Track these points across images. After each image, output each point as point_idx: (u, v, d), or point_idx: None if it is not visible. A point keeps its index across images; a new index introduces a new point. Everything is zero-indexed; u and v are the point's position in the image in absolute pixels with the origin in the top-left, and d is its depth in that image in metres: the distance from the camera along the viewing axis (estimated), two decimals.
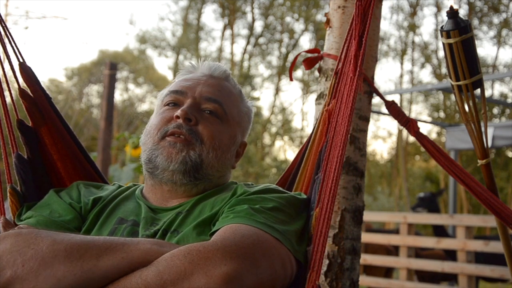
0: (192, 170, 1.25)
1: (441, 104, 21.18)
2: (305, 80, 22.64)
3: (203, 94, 1.32)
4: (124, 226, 1.22)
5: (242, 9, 22.44)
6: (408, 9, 20.71)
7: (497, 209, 1.42)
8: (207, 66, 1.42)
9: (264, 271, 0.97)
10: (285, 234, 1.09)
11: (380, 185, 22.16)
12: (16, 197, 1.34)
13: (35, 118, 1.44)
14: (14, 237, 0.98)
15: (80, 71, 24.04)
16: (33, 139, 1.43)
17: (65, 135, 1.49)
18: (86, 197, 1.32)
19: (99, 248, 0.95)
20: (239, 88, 1.44)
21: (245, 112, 1.42)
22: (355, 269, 1.75)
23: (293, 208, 1.20)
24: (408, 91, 12.56)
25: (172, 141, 1.25)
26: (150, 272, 0.92)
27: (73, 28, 36.93)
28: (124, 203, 1.31)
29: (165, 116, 1.30)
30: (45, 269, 0.92)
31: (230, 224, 1.06)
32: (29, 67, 1.46)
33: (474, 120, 1.54)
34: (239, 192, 1.23)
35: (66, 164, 1.47)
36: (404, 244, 5.54)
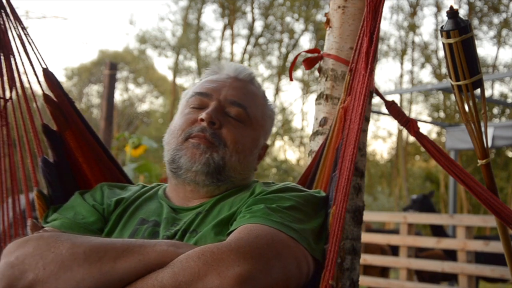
0: (215, 171, 1.25)
1: (441, 104, 21.18)
2: (305, 80, 22.65)
3: (228, 97, 1.32)
4: (145, 226, 1.23)
5: (242, 9, 22.45)
6: (408, 9, 20.73)
7: (497, 209, 1.42)
8: (232, 68, 1.41)
9: (278, 271, 0.98)
10: (302, 233, 1.09)
11: (380, 185, 22.17)
12: (43, 200, 1.37)
13: (59, 122, 1.48)
14: (36, 241, 1.02)
15: (80, 71, 24.05)
16: (58, 142, 1.46)
17: (89, 138, 1.52)
18: (109, 198, 1.34)
19: (117, 250, 0.98)
20: (263, 90, 1.44)
21: (268, 115, 1.42)
22: (355, 269, 1.75)
23: (311, 207, 1.20)
24: (408, 91, 12.57)
25: (196, 143, 1.25)
26: (165, 274, 0.94)
27: (73, 28, 36.96)
28: (147, 204, 1.32)
29: (190, 118, 1.30)
30: (65, 272, 0.95)
31: (246, 224, 1.06)
32: (51, 73, 1.49)
33: (474, 120, 1.54)
34: (257, 192, 1.23)
35: (92, 166, 1.50)
36: (404, 244, 5.54)
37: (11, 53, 1.45)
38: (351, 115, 1.32)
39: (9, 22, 1.45)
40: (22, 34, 1.45)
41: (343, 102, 1.47)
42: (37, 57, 1.47)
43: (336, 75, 1.86)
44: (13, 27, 1.45)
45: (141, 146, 7.55)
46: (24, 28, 1.45)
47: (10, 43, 1.45)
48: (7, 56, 1.45)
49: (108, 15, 35.88)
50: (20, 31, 1.45)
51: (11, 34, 1.45)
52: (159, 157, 5.66)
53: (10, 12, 1.45)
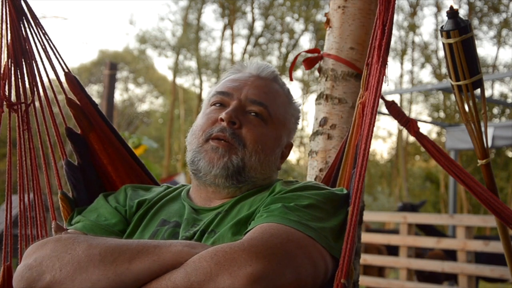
0: (234, 174, 1.25)
1: (441, 104, 21.19)
2: (305, 80, 22.66)
3: (248, 96, 1.31)
4: (165, 228, 1.24)
5: (242, 9, 22.44)
6: (408, 9, 20.73)
7: (497, 209, 1.42)
8: (255, 66, 1.40)
9: (292, 271, 0.97)
10: (321, 231, 1.08)
11: (380, 185, 22.16)
12: (67, 202, 1.40)
13: (83, 125, 1.49)
14: (54, 243, 1.03)
15: (80, 71, 24.05)
16: (82, 145, 1.48)
17: (113, 140, 1.52)
18: (132, 200, 1.34)
19: (132, 251, 0.98)
20: (287, 88, 1.43)
21: (291, 113, 1.40)
22: (355, 269, 1.75)
23: (332, 205, 1.18)
24: (408, 91, 12.57)
25: (215, 146, 1.25)
26: (178, 274, 0.94)
27: (73, 28, 36.94)
28: (169, 205, 1.33)
29: (210, 118, 1.30)
30: (81, 273, 0.97)
31: (262, 224, 1.06)
32: (74, 76, 1.51)
33: (474, 120, 1.54)
34: (276, 191, 1.22)
35: (117, 168, 1.51)
36: (404, 244, 5.54)
37: (33, 59, 1.48)
38: (366, 110, 1.31)
39: (30, 29, 1.47)
40: (44, 40, 1.48)
41: (361, 97, 1.46)
42: (59, 62, 1.49)
43: (336, 75, 1.86)
44: (35, 34, 1.47)
45: (141, 146, 7.56)
46: (45, 33, 1.47)
47: (32, 50, 1.48)
48: (29, 62, 1.47)
49: (108, 15, 35.90)
50: (42, 37, 1.47)
51: (33, 40, 1.47)
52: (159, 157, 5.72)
53: (32, 18, 1.47)
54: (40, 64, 1.48)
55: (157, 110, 27.44)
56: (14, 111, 1.45)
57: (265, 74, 1.38)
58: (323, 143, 1.86)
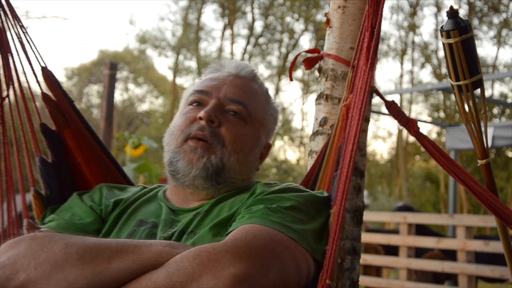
0: (213, 174, 1.23)
1: (441, 104, 21.19)
2: (305, 80, 22.65)
3: (227, 95, 1.29)
4: (142, 228, 1.22)
5: (242, 9, 22.44)
6: (408, 9, 20.73)
7: (497, 209, 1.42)
8: (234, 65, 1.38)
9: (276, 272, 0.96)
10: (302, 233, 1.07)
11: (380, 185, 22.16)
12: (40, 200, 1.35)
13: (58, 121, 1.46)
14: (29, 241, 0.99)
15: (80, 71, 24.05)
16: (57, 142, 1.44)
17: (89, 138, 1.49)
18: (107, 199, 1.32)
19: (111, 250, 0.95)
20: (266, 88, 1.42)
21: (270, 113, 1.39)
22: (355, 269, 1.75)
23: (313, 207, 1.18)
24: (408, 91, 12.57)
25: (193, 146, 1.23)
26: (160, 274, 0.92)
27: (73, 28, 36.95)
28: (146, 205, 1.30)
29: (189, 117, 1.28)
30: (57, 272, 0.93)
31: (244, 225, 1.05)
32: (51, 72, 1.47)
33: (474, 120, 1.54)
34: (257, 192, 1.21)
35: (91, 167, 1.48)
36: (404, 244, 5.54)
37: (9, 52, 1.44)
38: (352, 112, 1.31)
39: (7, 21, 1.43)
40: (21, 33, 1.44)
41: (345, 100, 1.46)
42: (36, 56, 1.46)
43: (336, 75, 1.86)
44: (11, 26, 1.43)
45: (141, 146, 7.55)
46: (22, 26, 1.43)
47: (8, 42, 1.43)
48: (4, 55, 1.43)
49: (108, 15, 35.90)
50: (18, 30, 1.44)
51: (10, 33, 1.43)
52: (159, 157, 5.67)
53: (9, 11, 1.43)
54: (16, 58, 1.44)
55: (157, 110, 27.43)
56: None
57: (244, 73, 1.36)
58: (323, 143, 1.86)
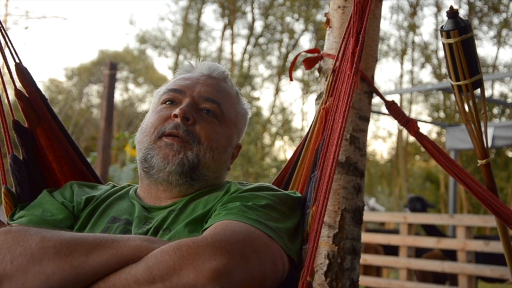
0: (189, 170, 1.24)
1: (441, 104, 21.18)
2: (305, 80, 22.64)
3: (201, 94, 1.31)
4: (116, 225, 1.22)
5: (242, 9, 22.44)
6: (408, 9, 20.71)
7: (497, 209, 1.42)
8: (206, 66, 1.41)
9: (254, 267, 0.98)
10: (278, 231, 1.09)
11: (380, 185, 22.16)
12: (11, 198, 1.34)
13: (31, 119, 1.44)
14: (4, 235, 0.99)
15: (80, 71, 24.04)
16: (28, 140, 1.43)
17: (61, 136, 1.49)
18: (79, 196, 1.32)
19: (89, 244, 0.95)
20: (236, 89, 1.44)
21: (242, 114, 1.42)
22: (355, 269, 1.75)
23: (287, 206, 1.20)
24: (408, 91, 12.56)
25: (169, 142, 1.24)
26: (139, 268, 0.92)
27: (73, 28, 36.94)
28: (118, 203, 1.31)
29: (162, 115, 1.29)
30: (34, 266, 0.93)
31: (222, 221, 1.06)
32: (25, 68, 1.46)
33: (474, 120, 1.54)
34: (232, 190, 1.23)
35: (62, 165, 1.47)
36: (404, 244, 5.54)
37: None
38: (334, 116, 1.32)
39: None
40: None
41: (324, 103, 1.48)
42: (10, 51, 1.44)
43: None
44: None
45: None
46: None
47: None
48: None
49: (108, 15, 35.89)
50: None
51: None
52: None
53: None
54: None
55: None
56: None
57: (216, 74, 1.39)
58: None
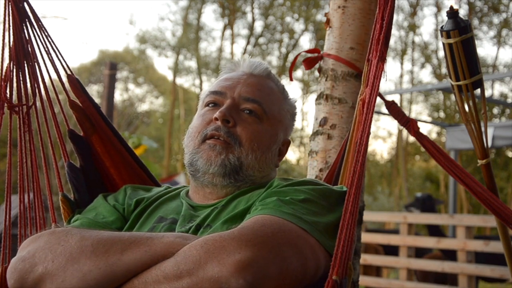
0: (232, 172, 1.25)
1: (441, 104, 21.19)
2: (305, 80, 22.65)
3: (242, 94, 1.31)
4: (162, 224, 1.24)
5: (242, 9, 22.43)
6: (408, 9, 20.72)
7: (497, 209, 1.42)
8: (248, 64, 1.39)
9: (281, 261, 0.96)
10: (315, 225, 1.07)
11: (380, 185, 22.15)
12: (68, 204, 1.40)
13: (85, 127, 1.50)
14: (48, 235, 1.04)
15: (80, 71, 24.04)
16: (85, 148, 1.49)
17: (116, 142, 1.53)
18: (130, 198, 1.35)
19: (124, 242, 0.99)
20: (282, 85, 1.42)
21: (287, 110, 1.40)
22: (355, 269, 1.75)
23: (328, 201, 1.17)
24: (408, 91, 12.57)
25: (212, 144, 1.26)
26: (169, 263, 0.95)
27: (73, 28, 36.94)
28: (167, 203, 1.33)
29: (205, 118, 1.31)
30: (73, 264, 0.97)
31: (255, 216, 1.06)
32: (77, 79, 1.52)
33: (474, 120, 1.54)
34: (273, 186, 1.22)
35: (120, 171, 1.52)
36: (404, 244, 5.54)
37: (35, 61, 1.48)
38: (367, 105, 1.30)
39: (33, 31, 1.47)
40: (47, 42, 1.48)
41: (361, 94, 1.45)
42: (62, 64, 1.50)
43: (336, 75, 1.86)
44: (37, 35, 1.48)
45: (141, 146, 7.56)
46: (48, 36, 1.48)
47: (34, 52, 1.48)
48: (31, 64, 1.47)
49: (108, 15, 35.89)
50: (44, 39, 1.48)
51: (35, 42, 1.48)
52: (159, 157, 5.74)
53: (34, 21, 1.47)
54: (43, 66, 1.48)
55: (157, 110, 27.44)
56: (15, 112, 1.46)
57: (258, 72, 1.38)
58: (323, 143, 1.87)
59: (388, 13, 1.28)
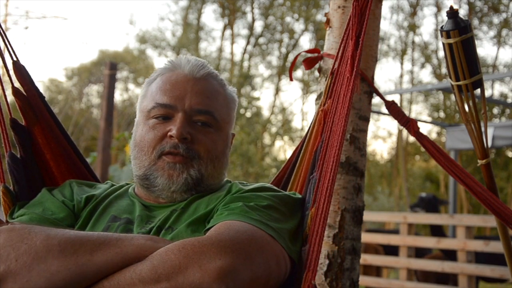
0: (194, 186, 1.25)
1: (441, 104, 21.18)
2: (305, 80, 22.64)
3: (193, 106, 1.27)
4: (117, 224, 1.23)
5: (242, 9, 22.43)
6: (408, 9, 20.71)
7: (497, 209, 1.42)
8: (189, 66, 1.33)
9: (259, 267, 0.98)
10: (280, 232, 1.10)
11: (380, 185, 22.15)
12: (9, 196, 1.34)
13: (28, 117, 1.44)
14: (8, 232, 0.99)
15: (80, 71, 24.04)
16: (26, 138, 1.43)
17: (59, 135, 1.49)
18: (78, 195, 1.32)
19: (93, 243, 0.96)
20: (220, 78, 1.38)
21: (232, 107, 1.39)
22: (355, 269, 1.75)
23: (288, 207, 1.21)
24: (408, 91, 12.56)
25: (171, 162, 1.24)
26: (144, 267, 0.93)
27: (73, 28, 36.93)
28: (117, 201, 1.31)
29: (158, 133, 1.26)
30: (39, 264, 0.94)
31: (225, 221, 1.07)
32: (23, 66, 1.46)
33: (474, 120, 1.54)
34: (233, 190, 1.23)
35: (59, 164, 1.47)
36: (404, 244, 5.54)
37: None
38: (333, 118, 1.32)
39: None
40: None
41: (322, 105, 1.48)
42: (8, 50, 1.44)
43: None
44: None
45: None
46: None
47: None
48: None
49: (108, 15, 35.87)
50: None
51: None
52: None
53: None
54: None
55: None
56: None
57: (201, 74, 1.32)
58: None
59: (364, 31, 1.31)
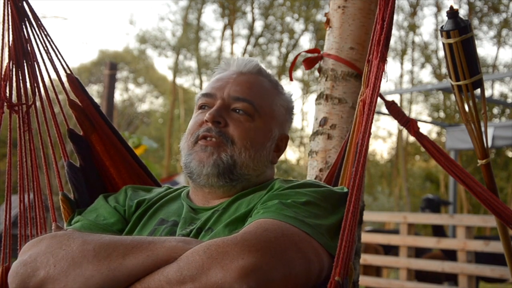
0: (226, 171, 1.25)
1: (441, 104, 21.19)
2: (305, 80, 22.66)
3: (231, 94, 1.30)
4: (163, 226, 1.24)
5: (242, 9, 22.43)
6: (408, 9, 20.71)
7: (497, 209, 1.42)
8: (238, 62, 1.38)
9: (285, 265, 0.96)
10: (317, 228, 1.07)
11: (380, 185, 22.16)
12: (68, 204, 1.40)
13: (85, 126, 1.50)
14: (49, 239, 1.04)
15: (80, 71, 24.04)
16: (84, 147, 1.49)
17: (115, 141, 1.53)
18: (131, 200, 1.35)
19: (126, 247, 0.99)
20: (275, 80, 1.40)
21: (280, 105, 1.38)
22: (355, 269, 1.75)
23: (330, 202, 1.17)
24: (408, 91, 12.57)
25: (203, 145, 1.26)
26: (171, 269, 0.95)
27: (73, 28, 36.94)
28: (168, 205, 1.33)
29: (197, 121, 1.31)
30: (75, 269, 0.97)
31: (257, 219, 1.06)
32: (76, 78, 1.52)
33: (474, 120, 1.54)
34: (275, 188, 1.22)
35: (119, 170, 1.52)
36: (404, 244, 5.54)
37: (34, 60, 1.48)
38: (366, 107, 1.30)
39: (32, 30, 1.48)
40: (46, 41, 1.48)
41: (362, 95, 1.45)
42: (61, 63, 1.50)
43: (336, 75, 1.86)
44: (36, 35, 1.48)
45: (141, 146, 7.55)
46: (47, 35, 1.48)
47: (33, 51, 1.48)
48: (30, 63, 1.48)
49: (108, 15, 35.88)
50: (43, 38, 1.48)
51: (35, 42, 1.48)
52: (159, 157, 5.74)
53: (34, 20, 1.47)
54: (42, 65, 1.49)
55: (157, 110, 27.45)
56: (15, 112, 1.46)
57: (248, 69, 1.35)
58: (323, 143, 1.87)
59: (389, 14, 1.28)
